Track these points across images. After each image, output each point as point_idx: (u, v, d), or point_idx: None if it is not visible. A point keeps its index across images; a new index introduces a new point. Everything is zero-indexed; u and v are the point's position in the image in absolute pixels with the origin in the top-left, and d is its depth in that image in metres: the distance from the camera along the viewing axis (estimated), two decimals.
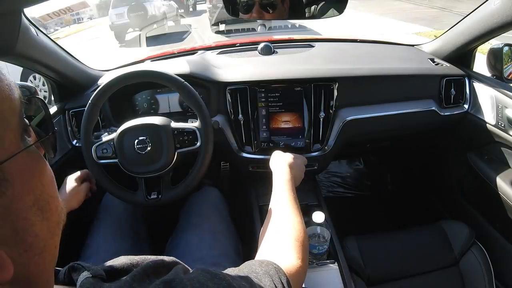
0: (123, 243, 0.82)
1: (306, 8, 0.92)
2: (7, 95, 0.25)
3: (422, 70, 1.07)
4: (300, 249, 0.53)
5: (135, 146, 0.79)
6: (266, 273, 0.41)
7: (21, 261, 0.25)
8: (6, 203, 0.24)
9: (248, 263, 0.45)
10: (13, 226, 0.25)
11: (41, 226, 0.27)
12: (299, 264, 0.49)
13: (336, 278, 0.76)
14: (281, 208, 0.62)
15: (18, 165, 0.25)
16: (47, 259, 0.28)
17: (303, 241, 0.55)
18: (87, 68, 1.08)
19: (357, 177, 1.85)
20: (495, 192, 0.94)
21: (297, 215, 0.61)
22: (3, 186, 0.24)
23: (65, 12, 15.56)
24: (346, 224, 1.02)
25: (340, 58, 1.12)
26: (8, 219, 0.24)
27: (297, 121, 0.96)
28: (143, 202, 0.83)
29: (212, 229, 0.84)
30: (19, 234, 0.25)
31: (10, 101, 0.26)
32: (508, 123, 0.92)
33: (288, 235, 0.55)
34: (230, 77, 0.96)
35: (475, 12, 0.96)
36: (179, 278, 0.33)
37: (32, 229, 0.26)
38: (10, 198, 0.24)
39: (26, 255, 0.26)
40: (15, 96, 0.26)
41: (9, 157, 0.24)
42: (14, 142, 0.26)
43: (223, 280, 0.35)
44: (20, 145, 0.26)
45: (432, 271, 0.89)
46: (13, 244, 0.25)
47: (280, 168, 0.74)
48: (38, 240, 0.26)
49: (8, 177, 0.24)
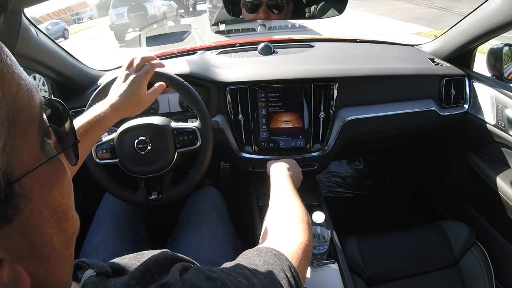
0: (122, 243, 0.82)
1: (306, 8, 0.92)
2: (27, 104, 0.23)
3: (422, 70, 1.07)
4: (302, 225, 0.52)
5: (135, 146, 0.79)
6: (265, 262, 0.40)
7: (39, 273, 0.24)
8: (24, 220, 0.22)
9: (245, 253, 0.43)
10: (30, 242, 0.23)
11: (58, 238, 0.25)
12: (302, 240, 0.48)
13: (336, 278, 0.76)
14: (281, 197, 0.62)
15: (37, 178, 0.23)
16: (64, 268, 0.27)
17: (306, 219, 0.54)
18: (87, 68, 1.08)
19: (357, 177, 1.85)
20: (495, 192, 0.94)
21: (298, 200, 0.61)
22: (21, 203, 0.22)
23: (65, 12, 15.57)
24: (346, 224, 1.02)
25: (340, 58, 1.12)
26: (26, 235, 0.23)
27: (297, 121, 0.96)
28: (143, 202, 0.83)
29: (212, 229, 0.84)
30: (37, 248, 0.24)
31: (30, 110, 0.24)
32: (508, 123, 0.92)
33: (289, 215, 0.55)
34: (230, 77, 0.96)
35: (475, 12, 0.96)
36: (174, 280, 0.32)
37: (50, 243, 0.25)
38: (28, 214, 0.22)
39: (43, 268, 0.25)
40: (36, 103, 0.24)
41: (27, 172, 0.22)
42: (33, 154, 0.24)
43: (217, 281, 0.34)
44: (40, 156, 0.24)
45: (432, 271, 0.89)
46: (30, 259, 0.23)
47: (278, 170, 0.74)
48: (55, 253, 0.25)
49: (27, 192, 0.22)
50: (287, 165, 0.77)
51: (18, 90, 0.23)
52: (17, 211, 0.22)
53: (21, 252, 0.23)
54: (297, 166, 0.82)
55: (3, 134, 0.21)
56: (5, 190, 0.21)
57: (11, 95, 0.22)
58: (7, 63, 0.22)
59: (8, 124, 0.21)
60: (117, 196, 0.84)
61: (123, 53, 7.16)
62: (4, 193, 0.21)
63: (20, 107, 0.23)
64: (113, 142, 0.81)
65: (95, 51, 6.84)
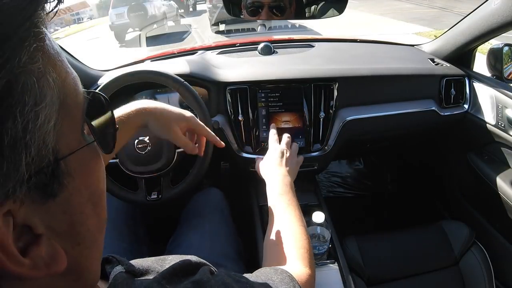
0: (121, 243, 0.82)
1: (306, 8, 0.92)
2: (73, 89, 0.25)
3: (422, 70, 1.07)
4: (307, 256, 0.53)
5: (135, 146, 0.79)
6: (281, 281, 0.42)
7: (73, 253, 0.26)
8: (67, 197, 0.24)
9: (263, 270, 0.45)
10: (70, 219, 0.25)
11: (93, 221, 0.27)
12: (308, 272, 0.50)
13: (336, 278, 0.76)
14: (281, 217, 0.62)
15: (79, 159, 0.25)
16: (95, 253, 0.29)
17: (309, 248, 0.55)
18: (87, 68, 1.08)
19: (357, 177, 1.85)
20: (495, 192, 0.94)
21: (299, 220, 0.61)
22: (65, 180, 0.24)
23: (65, 12, 15.56)
24: (346, 224, 1.02)
25: (340, 58, 1.12)
26: (67, 212, 0.25)
27: (297, 121, 0.96)
28: (143, 202, 0.83)
29: (213, 229, 0.84)
30: (75, 227, 0.25)
31: (76, 96, 0.26)
32: (508, 123, 0.92)
33: (293, 245, 0.55)
34: (230, 77, 0.96)
35: (475, 12, 0.96)
36: (207, 278, 0.34)
37: (86, 223, 0.26)
38: (70, 191, 0.24)
39: (78, 248, 0.26)
40: (80, 90, 0.27)
41: (72, 151, 0.25)
42: (76, 136, 0.26)
43: (246, 284, 0.36)
44: (81, 139, 0.26)
45: (432, 271, 0.89)
46: (67, 237, 0.25)
47: (271, 175, 0.73)
48: (90, 235, 0.27)
49: (71, 171, 0.24)
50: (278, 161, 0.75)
51: (66, 76, 0.25)
52: (62, 187, 0.24)
53: (60, 228, 0.24)
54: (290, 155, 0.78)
55: (54, 112, 0.23)
56: (53, 165, 0.23)
57: (61, 80, 0.24)
58: (58, 51, 0.24)
59: (59, 105, 0.23)
60: (117, 196, 0.84)
61: (123, 53, 7.16)
62: (51, 168, 0.23)
63: (68, 91, 0.24)
64: None
65: (95, 51, 6.84)
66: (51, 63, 0.23)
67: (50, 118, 0.22)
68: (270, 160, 0.78)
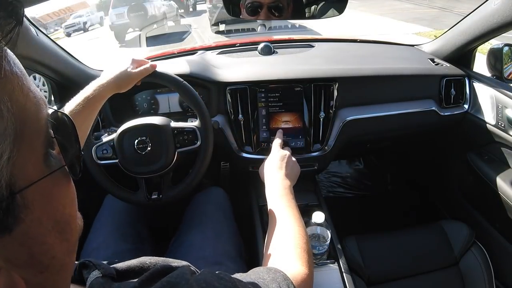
0: (123, 243, 0.82)
1: (306, 8, 0.92)
2: (34, 115, 0.23)
3: (422, 70, 1.07)
4: (304, 256, 0.53)
5: (135, 146, 0.79)
6: (273, 280, 0.42)
7: (36, 280, 0.24)
8: (24, 229, 0.22)
9: (255, 269, 0.45)
10: (29, 251, 0.23)
11: (60, 248, 0.26)
12: (305, 271, 0.50)
13: (336, 278, 0.76)
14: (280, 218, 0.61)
15: (40, 189, 0.23)
16: (63, 276, 0.27)
17: (306, 248, 0.55)
18: (87, 68, 1.08)
19: (357, 177, 1.85)
20: (495, 192, 0.94)
21: (297, 220, 0.60)
22: (22, 213, 0.22)
23: (65, 12, 15.58)
24: (346, 224, 1.02)
25: (340, 58, 1.12)
26: (25, 245, 0.23)
27: (297, 121, 0.96)
28: (144, 202, 0.83)
29: (215, 229, 0.84)
30: (36, 258, 0.24)
31: (37, 122, 0.24)
32: (508, 123, 0.92)
33: (291, 244, 0.55)
34: (230, 77, 0.96)
35: (475, 12, 0.96)
36: (185, 280, 0.33)
37: (50, 252, 0.25)
38: (28, 224, 0.23)
39: (41, 276, 0.25)
40: (43, 115, 0.24)
41: (31, 183, 0.23)
42: (37, 166, 0.24)
43: (229, 282, 0.35)
44: (43, 168, 0.24)
45: (432, 271, 0.89)
46: (28, 267, 0.24)
47: (271, 177, 0.73)
48: (55, 262, 0.25)
49: (28, 203, 0.22)
50: (278, 163, 0.75)
51: (26, 101, 0.23)
52: (18, 221, 0.22)
53: (19, 261, 0.23)
54: (290, 160, 0.79)
55: (8, 145, 0.21)
56: (7, 200, 0.21)
57: (19, 106, 0.22)
58: (18, 75, 0.23)
59: (15, 135, 0.21)
60: (117, 196, 0.84)
61: (123, 53, 7.16)
62: (5, 203, 0.21)
63: (27, 118, 0.23)
64: (113, 142, 0.81)
65: (95, 51, 6.84)
66: (7, 90, 0.21)
67: (3, 152, 0.20)
68: (271, 163, 0.78)
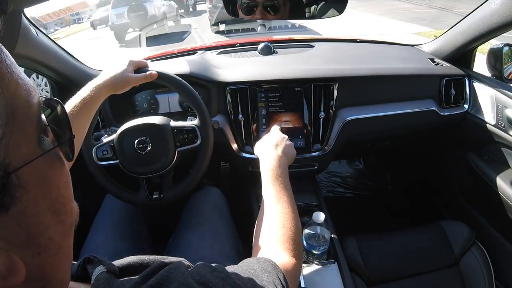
0: (123, 243, 0.82)
1: (306, 8, 0.92)
2: (25, 102, 0.25)
3: (422, 70, 1.07)
4: (292, 246, 0.53)
5: (135, 147, 0.79)
6: (263, 269, 0.42)
7: (35, 263, 0.25)
8: (21, 209, 0.23)
9: (246, 260, 0.46)
10: (27, 231, 0.24)
11: (56, 229, 0.26)
12: (293, 261, 0.50)
13: (336, 278, 0.76)
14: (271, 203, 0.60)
15: (34, 170, 0.25)
16: (61, 259, 0.28)
17: (295, 238, 0.54)
18: (87, 68, 1.08)
19: (357, 177, 1.85)
20: (495, 192, 0.94)
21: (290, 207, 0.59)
22: (18, 193, 0.23)
23: (65, 12, 15.58)
24: (346, 224, 1.02)
25: (340, 58, 1.12)
26: (22, 224, 0.24)
27: (297, 121, 0.96)
28: (145, 202, 0.83)
29: (213, 229, 0.84)
30: (33, 238, 0.25)
31: (28, 107, 0.25)
32: (508, 123, 0.92)
33: (279, 234, 0.54)
34: (230, 77, 0.96)
35: (475, 12, 0.96)
36: (181, 272, 0.34)
37: (47, 233, 0.26)
38: (25, 204, 0.24)
39: (39, 257, 0.25)
40: (33, 101, 0.26)
41: (25, 163, 0.24)
42: (30, 147, 0.25)
43: (221, 273, 0.36)
44: (37, 150, 0.25)
45: (432, 271, 0.89)
46: (26, 248, 0.24)
47: (267, 153, 0.70)
48: (52, 243, 0.26)
49: (24, 183, 0.23)
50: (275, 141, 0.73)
51: (16, 88, 0.24)
52: (14, 200, 0.23)
53: (17, 240, 0.24)
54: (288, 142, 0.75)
55: (1, 127, 0.22)
56: (2, 179, 0.22)
57: (10, 92, 0.23)
58: (6, 63, 0.24)
59: (6, 118, 0.23)
60: (118, 197, 0.84)
61: (123, 53, 7.16)
62: (1, 182, 0.22)
63: (18, 104, 0.24)
64: (113, 143, 0.81)
65: (95, 51, 6.84)
66: None
67: None
68: (268, 141, 0.75)
